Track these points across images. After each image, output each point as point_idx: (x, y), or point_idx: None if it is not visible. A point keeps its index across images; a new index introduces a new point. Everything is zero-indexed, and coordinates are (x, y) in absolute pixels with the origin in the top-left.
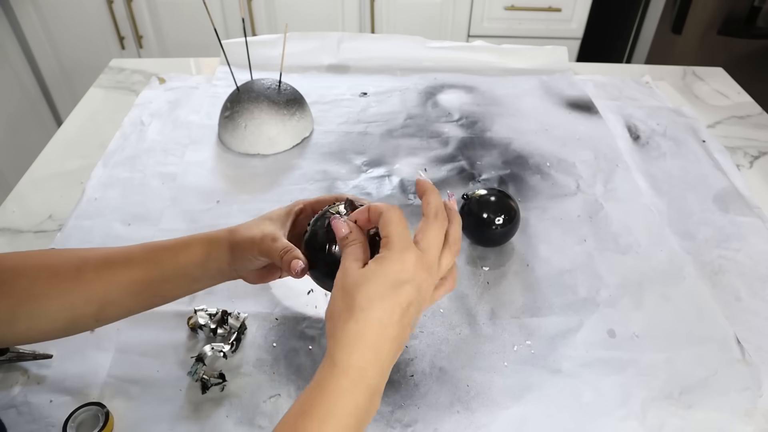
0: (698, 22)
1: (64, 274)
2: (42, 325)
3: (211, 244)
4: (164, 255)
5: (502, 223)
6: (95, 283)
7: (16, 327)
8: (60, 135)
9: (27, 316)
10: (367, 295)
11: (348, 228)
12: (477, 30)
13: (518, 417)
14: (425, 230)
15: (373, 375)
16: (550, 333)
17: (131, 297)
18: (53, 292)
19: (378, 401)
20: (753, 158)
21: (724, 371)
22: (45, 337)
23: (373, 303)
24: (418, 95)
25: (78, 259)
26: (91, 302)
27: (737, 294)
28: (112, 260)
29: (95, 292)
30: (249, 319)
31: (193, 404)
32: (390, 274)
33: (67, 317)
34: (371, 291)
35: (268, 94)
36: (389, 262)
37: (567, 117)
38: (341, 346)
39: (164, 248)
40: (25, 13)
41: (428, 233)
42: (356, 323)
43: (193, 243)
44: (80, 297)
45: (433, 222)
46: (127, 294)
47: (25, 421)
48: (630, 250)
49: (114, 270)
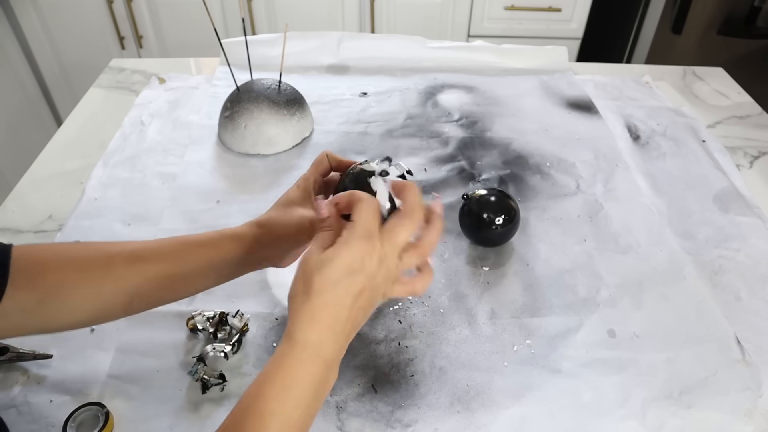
0: (698, 22)
1: (93, 267)
2: (70, 316)
3: (242, 241)
4: (194, 251)
5: (502, 223)
6: (125, 276)
7: (45, 318)
8: (60, 135)
9: (56, 308)
10: (322, 279)
11: (327, 212)
12: (477, 30)
13: (518, 417)
14: (392, 222)
15: (329, 349)
16: (550, 333)
17: (160, 290)
18: (83, 284)
19: (336, 373)
20: (753, 158)
21: (724, 371)
22: (72, 326)
23: (327, 287)
24: (418, 95)
25: (107, 252)
26: (121, 294)
27: (737, 294)
28: (142, 254)
29: (125, 285)
30: (249, 320)
31: (193, 404)
32: (345, 260)
33: (96, 308)
34: (326, 276)
35: (268, 94)
36: (346, 248)
37: (567, 117)
38: (298, 325)
39: (195, 243)
40: (25, 13)
41: (394, 226)
42: (311, 305)
43: (223, 240)
44: (110, 290)
45: (403, 217)
46: (156, 287)
47: (25, 421)
48: (630, 250)
49: (144, 263)
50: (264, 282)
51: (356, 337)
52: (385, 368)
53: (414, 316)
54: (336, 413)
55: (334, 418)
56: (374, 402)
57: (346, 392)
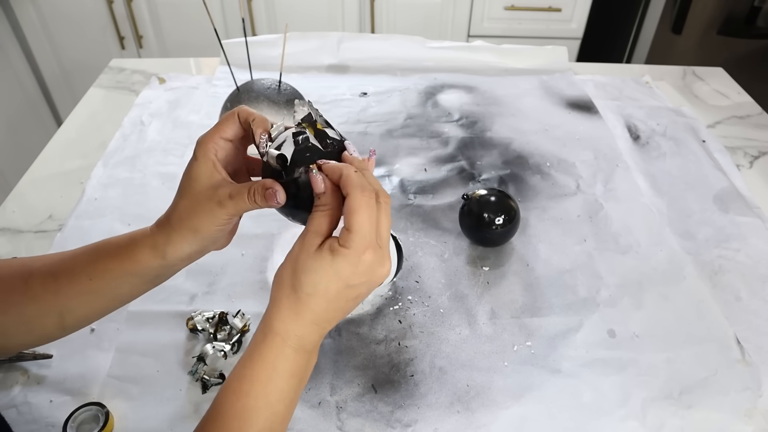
0: (698, 22)
1: (11, 288)
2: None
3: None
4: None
5: (502, 223)
6: (44, 298)
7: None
8: (60, 135)
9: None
10: (314, 283)
11: (323, 188)
12: (477, 30)
13: (518, 417)
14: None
15: (310, 340)
16: (550, 333)
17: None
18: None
19: (316, 354)
20: (753, 158)
21: (724, 371)
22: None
23: (318, 292)
24: (418, 95)
25: (25, 271)
26: (47, 315)
27: (737, 294)
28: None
29: (47, 306)
30: (251, 320)
31: (193, 404)
32: (342, 274)
33: (27, 331)
34: (318, 281)
35: (268, 94)
36: (345, 262)
37: (567, 117)
38: (282, 317)
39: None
40: (25, 13)
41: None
42: (297, 301)
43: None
44: (33, 312)
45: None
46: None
47: (25, 421)
48: (630, 250)
49: (59, 283)
50: (264, 282)
51: (356, 337)
52: (385, 368)
53: (414, 316)
54: (336, 413)
55: (334, 418)
56: (374, 402)
57: (347, 392)
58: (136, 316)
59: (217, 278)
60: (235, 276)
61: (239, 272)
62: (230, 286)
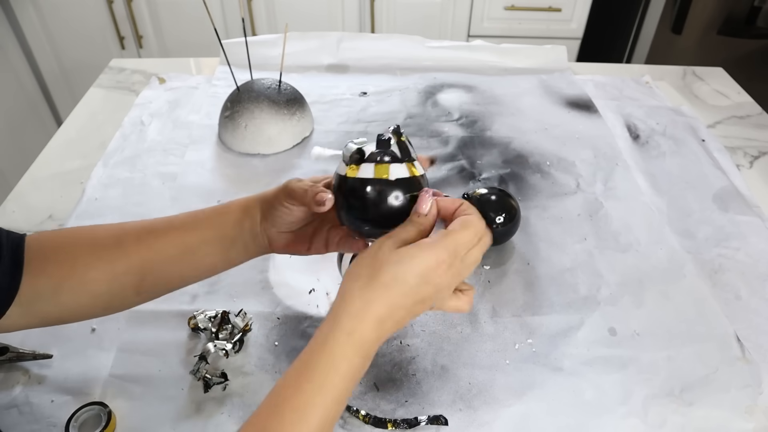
0: (698, 22)
1: (104, 244)
2: (86, 300)
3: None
4: (203, 218)
5: (502, 222)
6: (136, 252)
7: (60, 301)
8: (60, 135)
9: (70, 290)
10: (394, 274)
11: (428, 210)
12: (477, 30)
13: (520, 415)
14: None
15: (372, 344)
16: (551, 331)
17: (170, 265)
18: (95, 262)
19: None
20: (753, 158)
21: (724, 369)
22: (88, 313)
23: (396, 284)
24: (418, 95)
25: (118, 230)
26: (132, 271)
27: (737, 292)
28: (152, 228)
29: (136, 260)
30: (252, 319)
31: (195, 403)
32: (423, 265)
33: (110, 290)
34: (399, 273)
35: (269, 94)
36: (430, 253)
37: (567, 116)
38: (350, 312)
39: (203, 212)
40: (25, 13)
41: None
42: (371, 292)
43: (230, 205)
44: (122, 267)
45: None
46: (166, 260)
47: (27, 421)
48: (630, 249)
49: (153, 237)
50: (265, 281)
51: None
52: (388, 366)
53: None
54: None
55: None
56: (377, 400)
57: None
58: (138, 315)
59: (219, 278)
60: (237, 276)
61: (241, 272)
62: (232, 285)
